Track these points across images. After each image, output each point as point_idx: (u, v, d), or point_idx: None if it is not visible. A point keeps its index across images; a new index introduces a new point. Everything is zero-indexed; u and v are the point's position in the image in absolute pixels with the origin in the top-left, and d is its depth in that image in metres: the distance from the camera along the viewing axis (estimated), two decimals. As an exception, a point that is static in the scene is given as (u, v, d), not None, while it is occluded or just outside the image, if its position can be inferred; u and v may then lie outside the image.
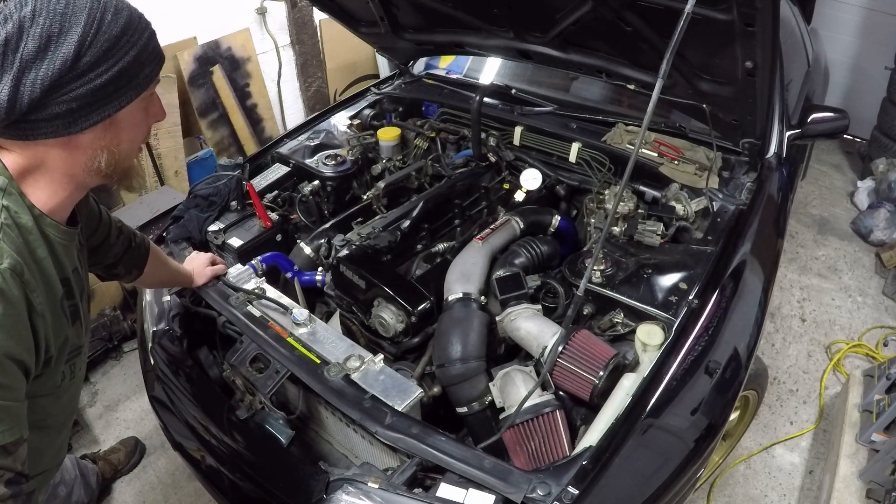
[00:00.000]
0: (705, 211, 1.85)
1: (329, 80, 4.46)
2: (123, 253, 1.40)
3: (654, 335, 1.45)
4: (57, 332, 1.01)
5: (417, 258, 1.97)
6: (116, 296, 2.90)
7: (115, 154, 0.98)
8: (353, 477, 1.26)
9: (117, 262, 1.40)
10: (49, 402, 1.09)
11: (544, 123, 2.28)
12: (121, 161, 1.01)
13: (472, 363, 1.53)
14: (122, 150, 0.99)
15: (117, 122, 0.96)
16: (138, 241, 1.45)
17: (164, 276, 1.62)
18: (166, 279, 1.66)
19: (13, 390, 0.90)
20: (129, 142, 1.00)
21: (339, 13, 2.44)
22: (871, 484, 2.01)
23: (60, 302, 1.02)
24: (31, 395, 0.96)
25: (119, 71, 0.90)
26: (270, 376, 1.48)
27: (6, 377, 0.88)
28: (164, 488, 2.35)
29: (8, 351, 0.88)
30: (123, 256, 1.41)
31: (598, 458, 1.22)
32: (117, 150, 0.98)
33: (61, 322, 1.03)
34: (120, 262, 1.41)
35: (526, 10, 1.92)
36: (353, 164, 2.27)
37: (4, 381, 0.88)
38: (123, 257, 1.41)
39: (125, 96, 0.93)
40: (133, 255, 1.44)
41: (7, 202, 0.92)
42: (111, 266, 1.41)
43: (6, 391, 0.89)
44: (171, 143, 3.34)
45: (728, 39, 1.46)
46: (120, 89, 0.92)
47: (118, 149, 0.98)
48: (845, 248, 3.50)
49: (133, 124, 0.99)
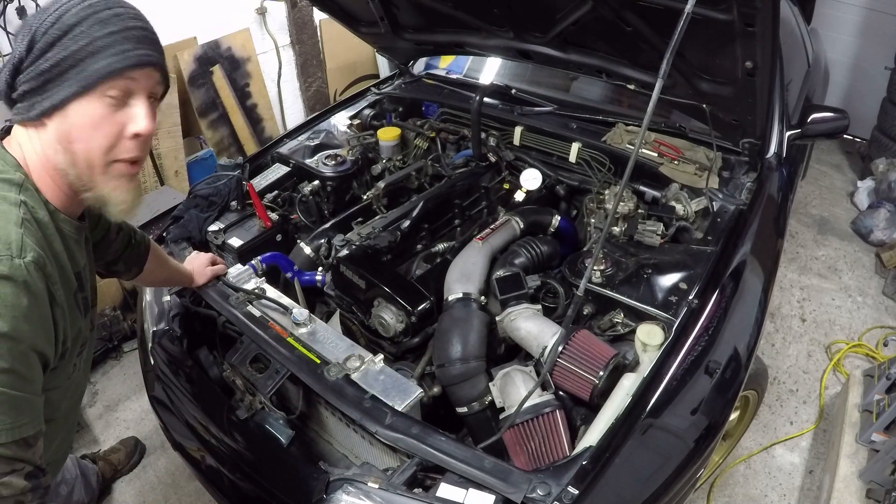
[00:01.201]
0: (705, 211, 1.85)
1: (329, 80, 4.46)
2: (123, 250, 1.41)
3: (654, 335, 1.45)
4: (73, 323, 1.03)
5: (417, 258, 1.97)
6: (116, 296, 2.90)
7: (71, 155, 0.95)
8: (353, 477, 1.26)
9: (117, 259, 1.41)
10: (59, 396, 1.09)
11: (544, 123, 2.28)
12: (80, 168, 0.97)
13: (472, 363, 1.53)
14: (77, 152, 0.95)
15: (69, 116, 0.94)
16: (138, 239, 1.46)
17: (164, 275, 1.63)
18: (166, 278, 1.66)
19: (34, 384, 0.92)
20: (83, 142, 0.95)
21: (339, 13, 2.44)
22: (871, 484, 2.01)
23: (75, 294, 1.05)
24: (45, 389, 0.97)
25: (62, 57, 0.90)
26: (270, 376, 1.48)
27: (30, 370, 0.90)
28: (164, 488, 2.35)
29: (34, 343, 0.90)
30: (123, 253, 1.41)
31: (598, 458, 1.21)
32: (70, 150, 0.95)
33: (76, 314, 1.05)
34: (120, 258, 1.41)
35: (526, 10, 1.92)
36: (353, 164, 2.27)
37: (28, 375, 0.90)
38: (123, 254, 1.41)
39: (69, 84, 0.91)
40: (133, 253, 1.44)
41: (24, 197, 0.95)
42: (111, 263, 1.41)
43: (29, 385, 0.90)
44: (171, 143, 3.34)
45: (728, 39, 1.46)
46: (63, 74, 0.91)
47: (71, 148, 0.95)
48: (845, 248, 3.50)
49: (87, 123, 0.94)
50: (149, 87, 1.00)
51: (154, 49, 1.00)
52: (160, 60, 1.01)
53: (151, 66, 0.99)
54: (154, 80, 1.01)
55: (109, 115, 0.96)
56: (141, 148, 1.01)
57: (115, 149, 0.98)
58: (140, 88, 0.98)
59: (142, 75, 0.97)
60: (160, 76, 1.02)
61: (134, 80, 0.96)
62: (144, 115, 0.98)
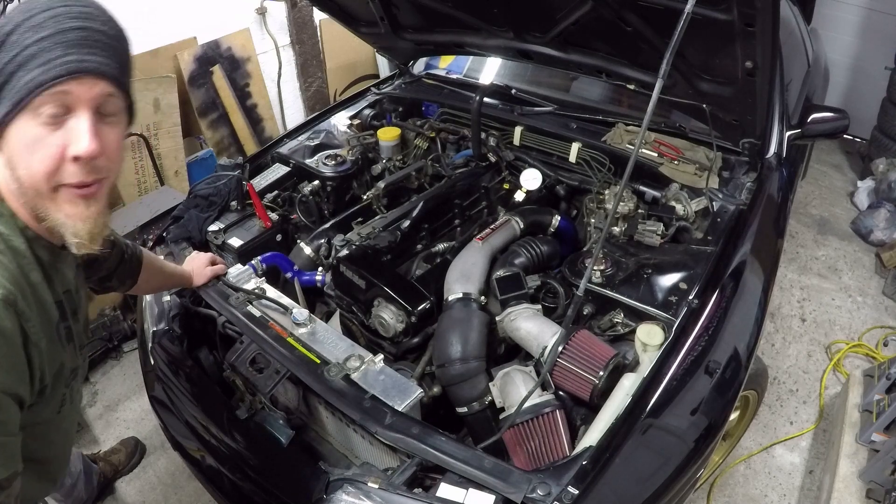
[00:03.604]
0: (705, 211, 1.85)
1: (329, 80, 4.46)
2: (116, 266, 1.37)
3: (654, 335, 1.45)
4: (52, 359, 0.96)
5: (417, 258, 1.97)
6: (116, 296, 2.89)
7: (17, 181, 0.86)
8: (353, 477, 1.26)
9: (110, 276, 1.37)
10: (49, 430, 1.05)
11: (544, 123, 2.28)
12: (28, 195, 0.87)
13: (472, 363, 1.53)
14: (21, 178, 0.85)
15: (9, 139, 0.84)
16: (130, 253, 1.41)
17: (159, 282, 1.60)
18: (162, 284, 1.64)
19: (7, 425, 0.87)
20: (23, 167, 0.85)
21: (339, 13, 2.44)
22: (871, 484, 2.01)
23: (56, 326, 0.97)
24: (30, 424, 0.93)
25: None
26: (270, 376, 1.48)
27: (1, 413, 0.84)
28: (164, 488, 2.35)
29: (4, 386, 0.84)
30: (117, 269, 1.38)
31: (598, 458, 1.21)
32: (16, 176, 0.86)
33: (56, 348, 0.98)
34: (113, 274, 1.38)
35: (526, 10, 1.92)
36: (353, 164, 2.27)
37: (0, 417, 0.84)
38: (117, 270, 1.38)
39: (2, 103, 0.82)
40: (126, 268, 1.41)
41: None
42: (104, 279, 1.37)
43: (1, 426, 0.85)
44: (171, 143, 3.34)
45: (728, 39, 1.46)
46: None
47: (15, 174, 0.86)
48: (845, 248, 3.49)
49: (23, 146, 0.84)
50: (92, 100, 0.85)
51: (97, 53, 0.84)
52: (103, 66, 0.85)
53: (90, 75, 0.83)
54: (98, 91, 0.85)
55: (45, 136, 0.83)
56: (87, 172, 0.86)
57: (58, 173, 0.85)
58: (80, 102, 0.84)
59: (78, 86, 0.83)
60: (110, 84, 0.86)
61: (68, 94, 0.82)
62: (84, 134, 0.84)
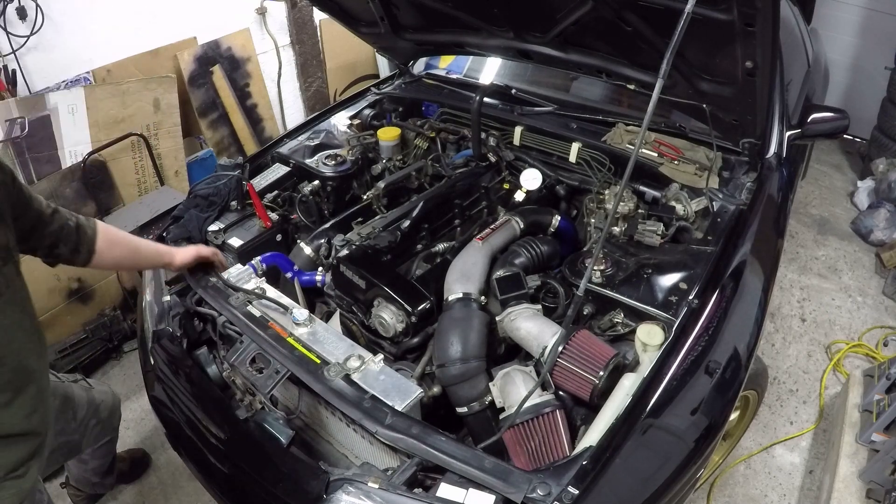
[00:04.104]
0: (705, 211, 1.85)
1: (329, 80, 4.46)
2: (59, 231, 1.36)
3: (654, 335, 1.45)
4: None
5: (417, 258, 1.97)
6: (116, 296, 2.90)
7: None
8: (353, 477, 1.26)
9: (56, 243, 1.37)
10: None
11: (544, 123, 2.28)
12: None
13: (472, 363, 1.53)
14: None
15: None
16: (80, 222, 1.41)
17: (126, 255, 1.57)
18: (132, 257, 1.61)
19: None
20: None
21: (339, 13, 2.44)
22: (871, 484, 2.01)
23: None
24: None
25: None
26: (270, 376, 1.47)
27: None
28: (164, 488, 2.35)
29: None
30: (61, 235, 1.37)
31: (598, 458, 1.21)
32: None
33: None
34: (59, 242, 1.37)
35: (526, 10, 1.92)
36: (353, 164, 2.27)
37: None
38: (61, 237, 1.37)
39: None
40: (74, 236, 1.40)
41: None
42: (51, 247, 1.37)
43: None
44: (171, 143, 3.34)
45: (728, 39, 1.46)
46: None
47: None
48: (845, 248, 3.50)
49: None
50: None
51: None
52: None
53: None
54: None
55: None
56: None
57: None
58: None
59: None
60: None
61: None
62: None
